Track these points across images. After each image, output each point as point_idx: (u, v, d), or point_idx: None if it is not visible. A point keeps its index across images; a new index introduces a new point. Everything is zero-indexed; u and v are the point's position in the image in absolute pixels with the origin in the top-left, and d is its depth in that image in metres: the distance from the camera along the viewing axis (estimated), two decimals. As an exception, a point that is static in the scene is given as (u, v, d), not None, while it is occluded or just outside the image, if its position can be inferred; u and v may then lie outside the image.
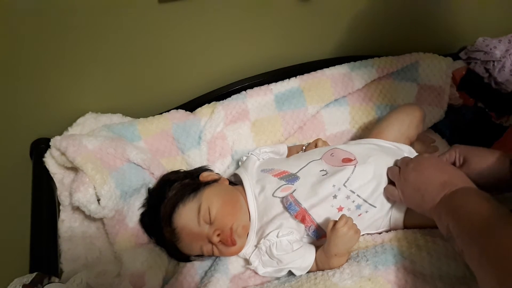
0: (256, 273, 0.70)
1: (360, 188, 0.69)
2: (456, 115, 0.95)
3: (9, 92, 0.77)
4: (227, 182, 0.77)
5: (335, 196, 0.68)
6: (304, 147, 0.84)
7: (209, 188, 0.73)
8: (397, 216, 0.70)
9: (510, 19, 1.07)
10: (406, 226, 0.71)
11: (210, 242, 0.69)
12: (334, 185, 0.69)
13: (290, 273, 0.69)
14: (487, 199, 0.54)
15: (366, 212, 0.69)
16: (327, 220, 0.67)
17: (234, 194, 0.73)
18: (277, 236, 0.67)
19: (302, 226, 0.69)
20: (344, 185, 0.69)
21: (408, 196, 0.65)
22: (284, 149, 0.85)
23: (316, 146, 0.83)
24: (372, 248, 0.67)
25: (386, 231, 0.72)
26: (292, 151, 0.85)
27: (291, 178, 0.72)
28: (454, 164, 0.71)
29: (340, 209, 0.68)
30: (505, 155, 0.67)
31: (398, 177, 0.67)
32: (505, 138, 0.84)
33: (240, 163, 0.83)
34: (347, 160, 0.72)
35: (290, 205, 0.67)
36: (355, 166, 0.71)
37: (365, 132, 0.91)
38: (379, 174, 0.70)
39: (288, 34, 0.92)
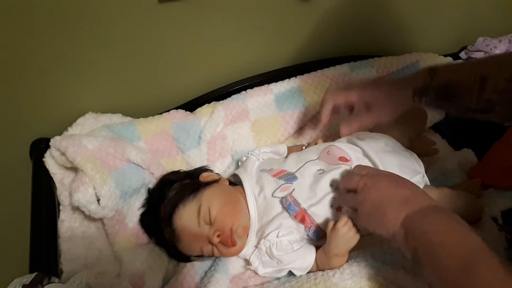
0: (256, 273, 0.70)
1: None
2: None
3: (9, 92, 0.77)
4: (227, 183, 0.77)
5: (334, 197, 0.68)
6: (304, 147, 0.84)
7: (209, 188, 0.73)
8: None
9: (510, 19, 1.07)
10: None
11: (210, 242, 0.69)
12: (331, 184, 0.69)
13: (290, 273, 0.69)
14: (462, 225, 0.50)
15: None
16: (326, 221, 0.67)
17: (234, 195, 0.73)
18: (277, 236, 0.67)
19: (302, 226, 0.68)
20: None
21: (366, 213, 0.57)
22: (284, 149, 0.85)
23: (316, 143, 0.83)
24: (372, 248, 0.67)
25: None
26: (292, 151, 0.85)
27: (289, 177, 0.72)
28: (352, 109, 0.68)
29: (339, 209, 0.68)
30: (407, 87, 0.64)
31: (354, 191, 0.60)
32: (505, 138, 0.84)
33: (239, 163, 0.83)
34: (343, 159, 0.72)
35: (289, 206, 0.67)
36: (351, 167, 0.71)
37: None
38: None
39: (288, 34, 0.92)
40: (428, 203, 0.54)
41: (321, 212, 0.68)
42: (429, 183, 0.75)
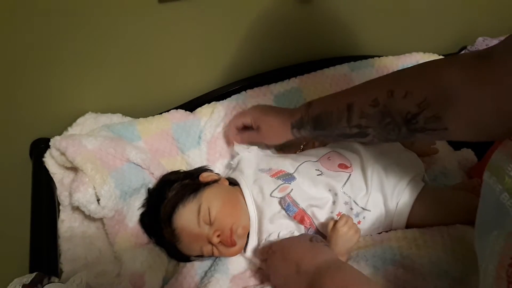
0: (256, 272, 0.70)
1: (355, 195, 0.69)
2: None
3: (9, 92, 0.77)
4: (227, 183, 0.77)
5: (334, 202, 0.68)
6: (302, 146, 0.84)
7: (209, 188, 0.72)
8: (401, 216, 0.70)
9: (510, 19, 1.07)
10: (408, 225, 0.71)
11: (210, 243, 0.69)
12: (330, 190, 0.69)
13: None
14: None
15: (364, 218, 0.69)
16: (326, 221, 0.67)
17: (234, 195, 0.73)
18: (278, 236, 0.67)
19: (302, 227, 0.69)
20: (341, 191, 0.69)
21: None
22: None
23: (314, 145, 0.83)
24: (371, 248, 0.67)
25: (386, 231, 0.72)
26: (290, 149, 0.85)
27: (287, 177, 0.72)
28: (251, 127, 0.77)
29: (339, 215, 0.68)
30: (287, 122, 0.71)
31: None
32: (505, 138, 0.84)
33: (232, 165, 0.82)
34: (343, 166, 0.72)
35: (288, 206, 0.67)
36: (350, 174, 0.71)
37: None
38: (370, 183, 0.70)
39: (288, 34, 0.92)
40: (320, 261, 0.57)
41: (319, 213, 0.68)
42: (429, 183, 0.75)
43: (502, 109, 0.46)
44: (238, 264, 0.73)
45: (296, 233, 0.68)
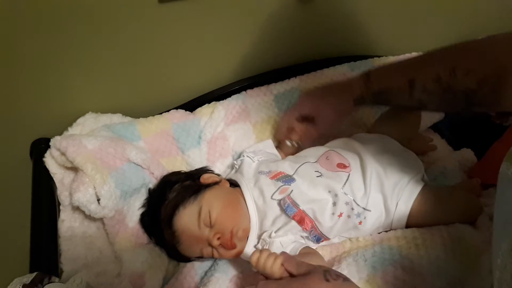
0: (255, 273, 0.70)
1: (355, 195, 0.69)
2: (456, 115, 0.95)
3: (9, 92, 0.77)
4: (228, 185, 0.76)
5: (334, 204, 0.68)
6: (288, 143, 0.83)
7: (210, 190, 0.72)
8: (400, 216, 0.70)
9: (510, 19, 1.07)
10: (408, 225, 0.71)
11: (210, 245, 0.68)
12: (329, 191, 0.69)
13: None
14: None
15: (365, 218, 0.69)
16: (326, 222, 0.67)
17: (235, 197, 0.73)
18: (279, 237, 0.67)
19: (303, 227, 0.68)
20: (341, 191, 0.69)
21: None
22: (270, 144, 0.85)
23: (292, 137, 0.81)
24: (371, 247, 0.67)
25: (386, 231, 0.72)
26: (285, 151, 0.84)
27: (287, 179, 0.72)
28: (307, 119, 0.76)
29: (340, 216, 0.68)
30: (348, 98, 0.71)
31: None
32: (505, 138, 0.84)
33: (234, 166, 0.82)
34: (341, 166, 0.73)
35: (287, 207, 0.67)
36: (349, 174, 0.71)
37: (365, 131, 0.91)
38: (369, 182, 0.70)
39: (288, 34, 0.92)
40: None
41: (321, 215, 0.68)
42: (429, 183, 0.75)
43: None
44: (238, 264, 0.73)
45: (297, 234, 0.68)
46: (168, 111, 0.85)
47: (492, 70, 0.54)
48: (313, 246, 0.70)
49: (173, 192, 0.72)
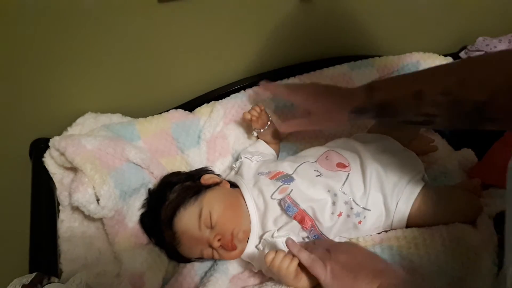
0: (255, 273, 0.70)
1: (355, 195, 0.69)
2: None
3: (9, 92, 0.77)
4: (229, 185, 0.76)
5: (333, 203, 0.68)
6: (254, 132, 0.84)
7: (211, 191, 0.72)
8: (401, 216, 0.70)
9: (510, 19, 1.07)
10: (408, 225, 0.71)
11: (211, 246, 0.68)
12: (329, 190, 0.69)
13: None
14: None
15: (365, 217, 0.69)
16: (326, 222, 0.67)
17: (235, 198, 0.73)
18: (279, 237, 0.67)
19: (303, 227, 0.68)
20: (340, 191, 0.69)
21: (337, 276, 0.58)
22: (264, 146, 0.85)
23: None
24: (371, 247, 0.67)
25: (386, 231, 0.72)
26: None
27: (286, 178, 0.72)
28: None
29: (340, 215, 0.68)
30: (344, 107, 0.67)
31: (326, 256, 0.61)
32: (505, 138, 0.84)
33: (234, 168, 0.82)
34: (341, 166, 0.72)
35: (288, 207, 0.67)
36: (348, 174, 0.71)
37: (365, 131, 0.91)
38: (369, 182, 0.70)
39: (288, 34, 0.92)
40: (402, 278, 0.56)
41: (321, 214, 0.68)
42: (429, 183, 0.75)
43: None
44: (237, 264, 0.73)
45: (298, 234, 0.68)
46: (167, 111, 0.85)
47: (507, 81, 0.49)
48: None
49: (174, 193, 0.72)
